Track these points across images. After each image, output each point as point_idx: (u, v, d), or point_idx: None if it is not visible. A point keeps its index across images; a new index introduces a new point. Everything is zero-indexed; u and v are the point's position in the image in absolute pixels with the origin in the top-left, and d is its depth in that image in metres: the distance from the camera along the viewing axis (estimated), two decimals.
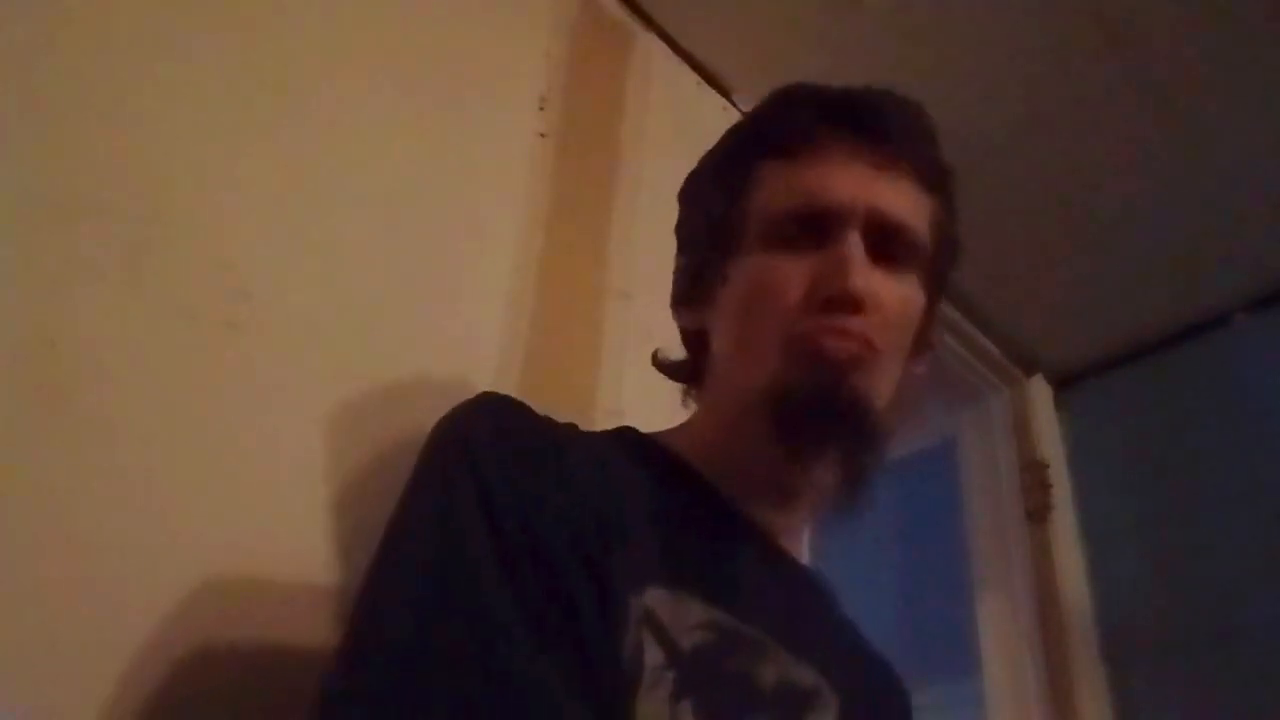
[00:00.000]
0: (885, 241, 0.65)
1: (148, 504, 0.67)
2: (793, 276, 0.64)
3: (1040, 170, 1.52)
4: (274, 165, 0.84)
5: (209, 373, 0.73)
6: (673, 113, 1.29)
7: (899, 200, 0.66)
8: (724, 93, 1.39)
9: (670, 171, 0.79)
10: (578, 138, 1.14)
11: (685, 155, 0.77)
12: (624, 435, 0.71)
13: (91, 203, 0.71)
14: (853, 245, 0.63)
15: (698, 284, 0.72)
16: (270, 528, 0.73)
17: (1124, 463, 1.77)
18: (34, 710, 0.58)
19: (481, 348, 0.94)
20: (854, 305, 0.62)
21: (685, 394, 0.77)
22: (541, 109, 1.11)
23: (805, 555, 0.72)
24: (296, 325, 0.80)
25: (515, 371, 0.95)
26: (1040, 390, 1.88)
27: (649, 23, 1.32)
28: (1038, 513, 1.72)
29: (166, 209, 0.75)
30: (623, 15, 1.29)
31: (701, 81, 1.37)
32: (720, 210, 0.70)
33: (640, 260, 1.12)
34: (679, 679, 0.54)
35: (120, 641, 0.62)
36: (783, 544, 0.69)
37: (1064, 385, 1.91)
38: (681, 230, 0.77)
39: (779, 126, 0.70)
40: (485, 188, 1.02)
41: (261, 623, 0.70)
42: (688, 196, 0.77)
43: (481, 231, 1.00)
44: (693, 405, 0.76)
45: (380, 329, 0.86)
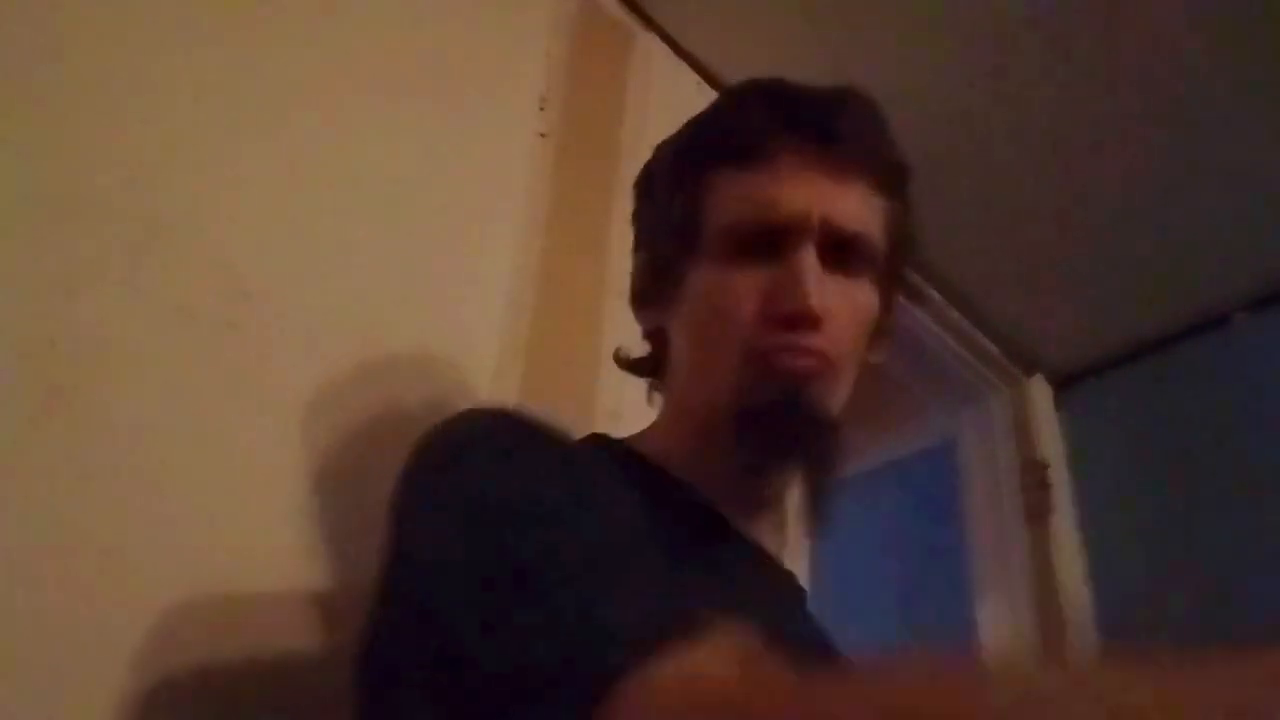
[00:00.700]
0: (839, 250, 0.65)
1: (147, 503, 0.67)
2: (749, 290, 0.64)
3: (1040, 170, 1.52)
4: (274, 165, 0.84)
5: (209, 372, 0.73)
6: (673, 113, 1.28)
7: (852, 208, 0.66)
8: None
9: None
10: (578, 138, 1.14)
11: None
12: (600, 442, 0.71)
13: (91, 203, 0.71)
14: (808, 260, 0.63)
15: (655, 285, 0.72)
16: (270, 528, 0.73)
17: (1124, 463, 1.77)
18: (33, 710, 0.59)
19: (481, 348, 0.94)
20: (810, 321, 0.62)
21: (650, 390, 0.77)
22: (541, 109, 1.11)
23: (782, 552, 0.72)
24: (296, 325, 0.80)
25: (515, 371, 0.95)
26: (1040, 390, 1.88)
27: (649, 23, 1.32)
28: (1038, 513, 1.72)
29: (166, 209, 0.75)
30: (623, 15, 1.29)
31: (701, 81, 1.37)
32: (675, 215, 0.70)
33: None
34: None
35: (120, 641, 0.62)
36: (761, 541, 0.70)
37: (1064, 385, 1.91)
38: (637, 224, 0.77)
39: (732, 132, 0.69)
40: (485, 188, 1.02)
41: (261, 621, 0.70)
42: (643, 190, 0.77)
43: (481, 231, 1.00)
44: (658, 401, 0.76)
45: (380, 329, 0.86)
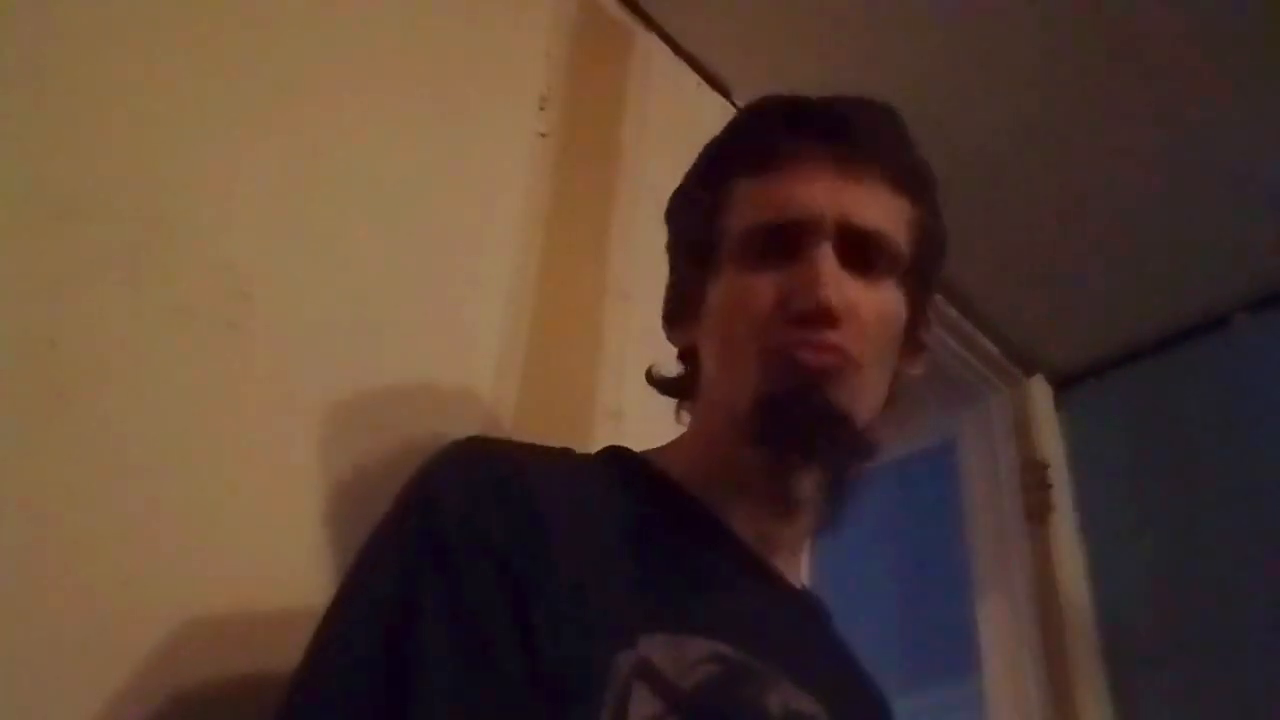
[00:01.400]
0: (859, 250, 0.64)
1: (148, 503, 0.67)
2: (765, 290, 0.63)
3: (1040, 170, 1.52)
4: (274, 165, 0.84)
5: (209, 373, 0.73)
6: (673, 113, 1.29)
7: (871, 207, 0.65)
8: (724, 93, 1.39)
9: (670, 171, 0.79)
10: (578, 138, 1.14)
11: (685, 155, 0.77)
12: (614, 459, 0.69)
13: (92, 203, 0.71)
14: (824, 257, 0.62)
15: (683, 304, 0.72)
16: (271, 528, 0.73)
17: (1124, 463, 1.77)
18: (33, 712, 0.58)
19: (481, 348, 0.94)
20: (827, 319, 0.61)
21: (679, 409, 0.76)
22: (541, 109, 1.11)
23: (802, 573, 0.71)
24: (296, 325, 0.80)
25: (515, 371, 0.95)
26: (1040, 390, 1.88)
27: (649, 23, 1.32)
28: (1038, 513, 1.72)
29: (166, 209, 0.75)
30: (623, 15, 1.29)
31: (701, 81, 1.37)
32: (696, 232, 0.70)
33: (640, 260, 1.12)
34: None
35: (119, 642, 0.62)
36: (777, 564, 0.68)
37: (1064, 385, 1.91)
38: (669, 250, 0.77)
39: (747, 144, 0.70)
40: (486, 188, 1.02)
41: (262, 622, 0.70)
42: (671, 217, 0.77)
43: (481, 231, 1.00)
44: (686, 419, 0.75)
45: (380, 328, 0.86)
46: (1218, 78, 1.37)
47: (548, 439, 0.68)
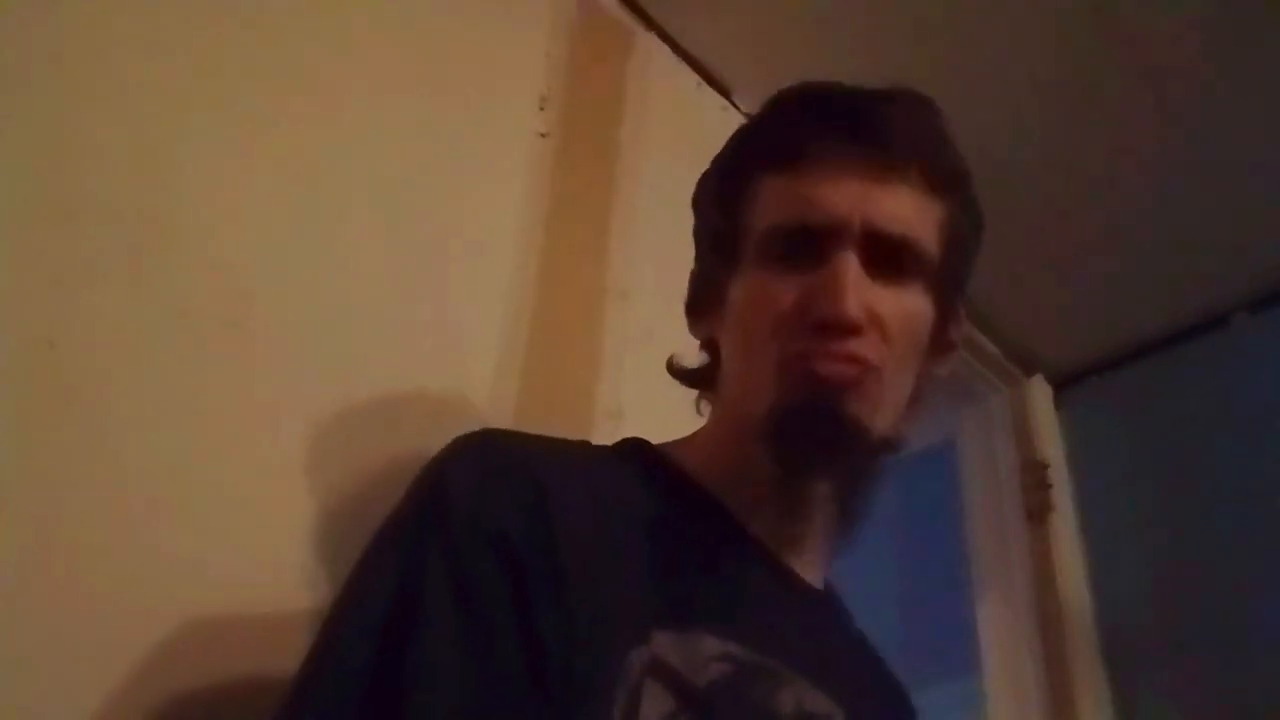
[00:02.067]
0: (884, 255, 0.62)
1: (147, 504, 0.67)
2: (786, 294, 0.62)
3: (1040, 170, 1.52)
4: (274, 165, 0.84)
5: (209, 373, 0.73)
6: (673, 113, 1.29)
7: (898, 211, 0.63)
8: (724, 93, 1.39)
9: (670, 171, 0.79)
10: (578, 138, 1.14)
11: (685, 155, 0.78)
12: (633, 451, 0.69)
13: (91, 203, 0.71)
14: (846, 264, 0.61)
15: (705, 295, 0.72)
16: (271, 527, 0.73)
17: (1124, 463, 1.77)
18: (33, 714, 0.59)
19: (481, 348, 0.94)
20: (846, 329, 0.60)
21: (699, 400, 0.75)
22: (541, 109, 1.11)
23: (819, 571, 0.70)
24: (297, 324, 0.80)
25: (515, 371, 0.95)
26: (1040, 390, 1.88)
27: (649, 23, 1.32)
28: (1038, 513, 1.72)
29: (166, 209, 0.75)
30: (623, 15, 1.29)
31: (701, 81, 1.37)
32: (720, 224, 0.69)
33: (640, 260, 1.12)
34: (695, 718, 0.53)
35: (120, 641, 0.62)
36: (794, 563, 0.68)
37: (1064, 385, 1.91)
38: (695, 236, 0.76)
39: (774, 136, 0.68)
40: (486, 188, 1.02)
41: (261, 620, 0.70)
42: (697, 204, 0.76)
43: (481, 231, 1.00)
44: (705, 411, 0.75)
45: (380, 328, 0.86)
46: (1218, 78, 1.37)
47: None
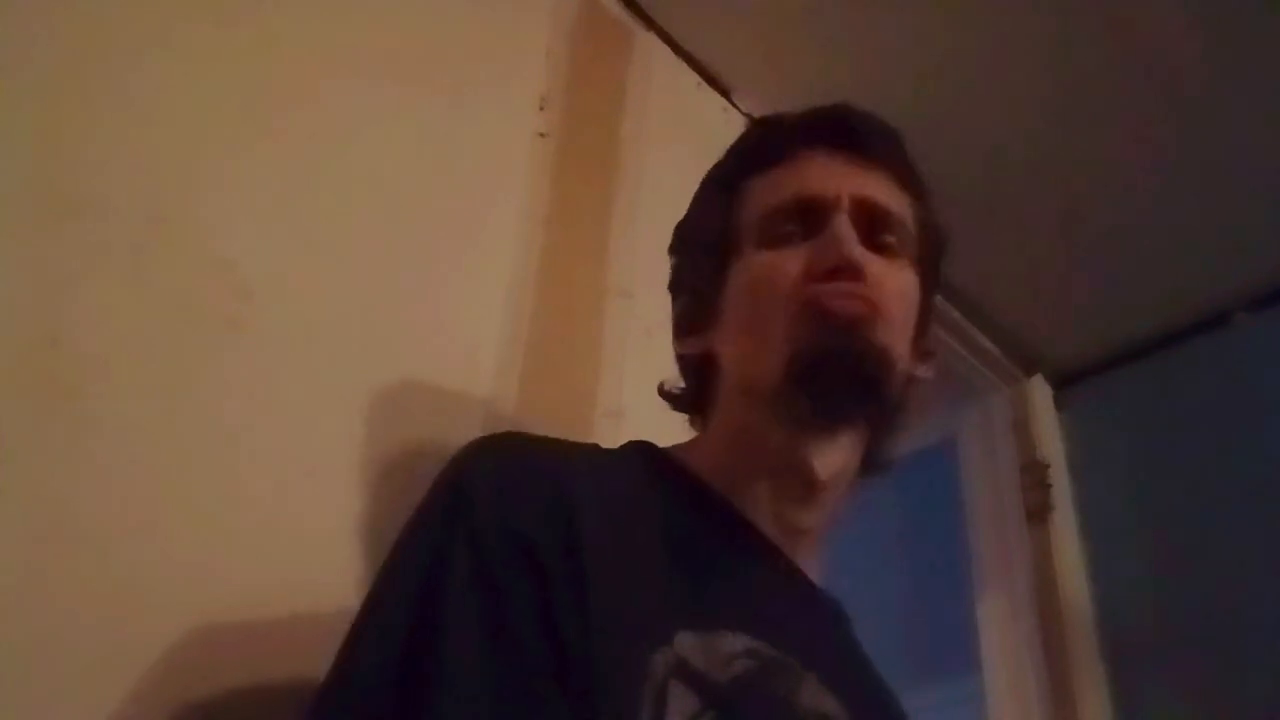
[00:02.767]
0: (874, 227, 0.67)
1: (148, 502, 0.67)
2: (790, 263, 0.65)
3: (1041, 170, 1.52)
4: (275, 164, 0.84)
5: (210, 371, 0.73)
6: (673, 113, 1.29)
7: (881, 190, 0.69)
8: (724, 93, 1.39)
9: (670, 171, 0.79)
10: (578, 138, 1.14)
11: (685, 155, 0.78)
12: (639, 453, 0.70)
13: (93, 202, 0.71)
14: (843, 224, 0.65)
15: (698, 309, 0.73)
16: (272, 527, 0.73)
17: (1124, 462, 1.77)
18: (40, 716, 0.59)
19: (481, 347, 0.94)
20: (854, 272, 0.63)
21: (691, 424, 0.77)
22: (541, 109, 1.11)
23: (820, 574, 0.71)
24: (298, 324, 0.80)
25: (515, 371, 0.95)
26: (1040, 390, 1.88)
27: (649, 23, 1.32)
28: (1038, 513, 1.72)
29: (168, 208, 0.75)
30: (623, 15, 1.29)
31: (701, 81, 1.37)
32: (711, 234, 0.72)
33: (640, 260, 1.12)
34: (720, 716, 0.53)
35: (121, 642, 0.63)
36: (800, 561, 0.69)
37: (1064, 385, 1.91)
38: (674, 277, 0.79)
39: (757, 148, 0.74)
40: (485, 188, 1.02)
41: (262, 618, 0.70)
42: (678, 244, 0.79)
43: (482, 231, 1.00)
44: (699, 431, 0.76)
45: (380, 328, 0.86)
46: (1219, 77, 1.37)
47: None
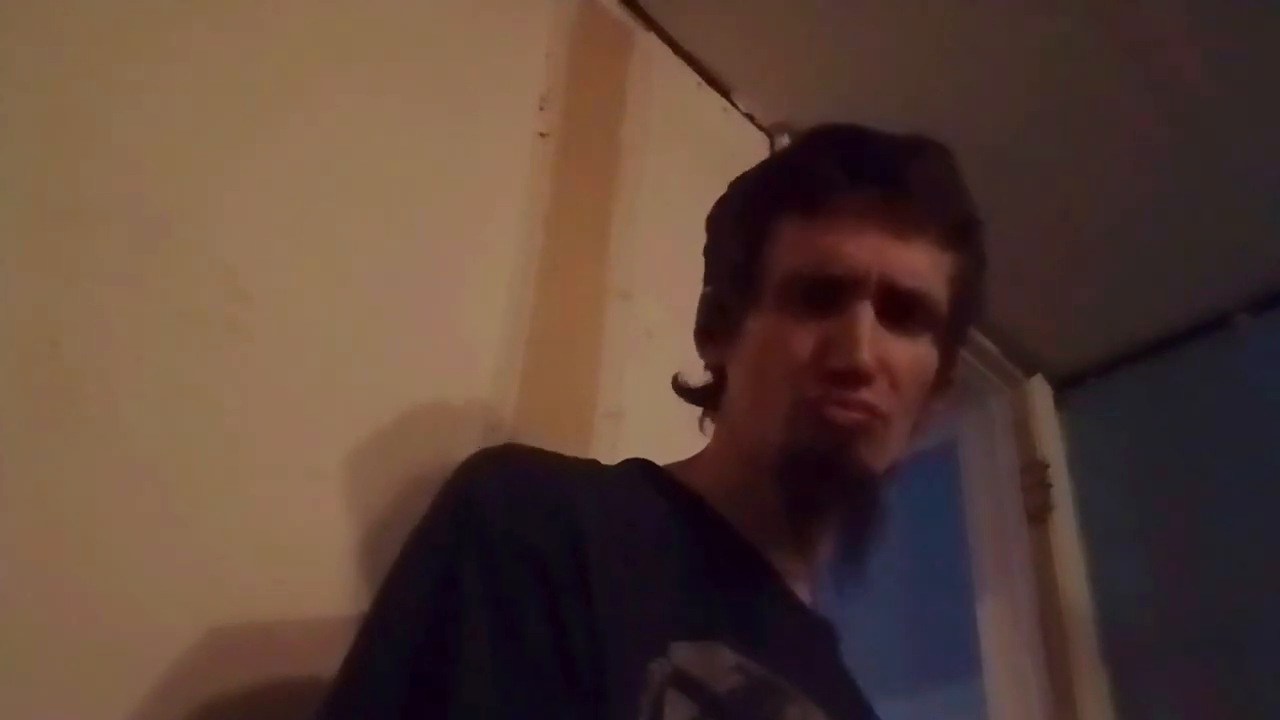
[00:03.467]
0: (899, 307, 0.65)
1: (151, 503, 0.67)
2: (804, 340, 0.65)
3: (1041, 170, 1.52)
4: (275, 166, 0.84)
5: (210, 373, 0.73)
6: (673, 113, 1.29)
7: (915, 266, 0.66)
8: (724, 93, 1.39)
9: (670, 171, 0.79)
10: (578, 138, 1.14)
11: (685, 155, 0.78)
12: (640, 471, 0.70)
13: (93, 204, 0.71)
14: (863, 315, 0.63)
15: (718, 323, 0.73)
16: (272, 526, 0.73)
17: (1124, 463, 1.77)
18: (34, 716, 0.58)
19: (482, 348, 0.94)
20: (861, 380, 0.63)
21: (702, 418, 0.77)
22: (541, 109, 1.11)
23: (817, 594, 0.72)
24: (298, 326, 0.80)
25: (515, 372, 0.95)
26: (1040, 390, 1.88)
27: (649, 23, 1.32)
28: (1038, 513, 1.72)
29: (168, 210, 0.75)
30: (623, 15, 1.29)
31: (701, 82, 1.37)
32: (739, 259, 0.71)
33: (640, 260, 1.12)
34: None
35: (123, 642, 0.63)
36: (793, 584, 0.70)
37: (1064, 385, 1.91)
38: (708, 259, 0.78)
39: (798, 179, 0.70)
40: (485, 188, 1.02)
41: (262, 620, 0.70)
42: (713, 226, 0.78)
43: (482, 231, 1.00)
44: (708, 428, 0.76)
45: (380, 329, 0.86)
46: (1219, 79, 1.37)
47: (548, 439, 0.68)
